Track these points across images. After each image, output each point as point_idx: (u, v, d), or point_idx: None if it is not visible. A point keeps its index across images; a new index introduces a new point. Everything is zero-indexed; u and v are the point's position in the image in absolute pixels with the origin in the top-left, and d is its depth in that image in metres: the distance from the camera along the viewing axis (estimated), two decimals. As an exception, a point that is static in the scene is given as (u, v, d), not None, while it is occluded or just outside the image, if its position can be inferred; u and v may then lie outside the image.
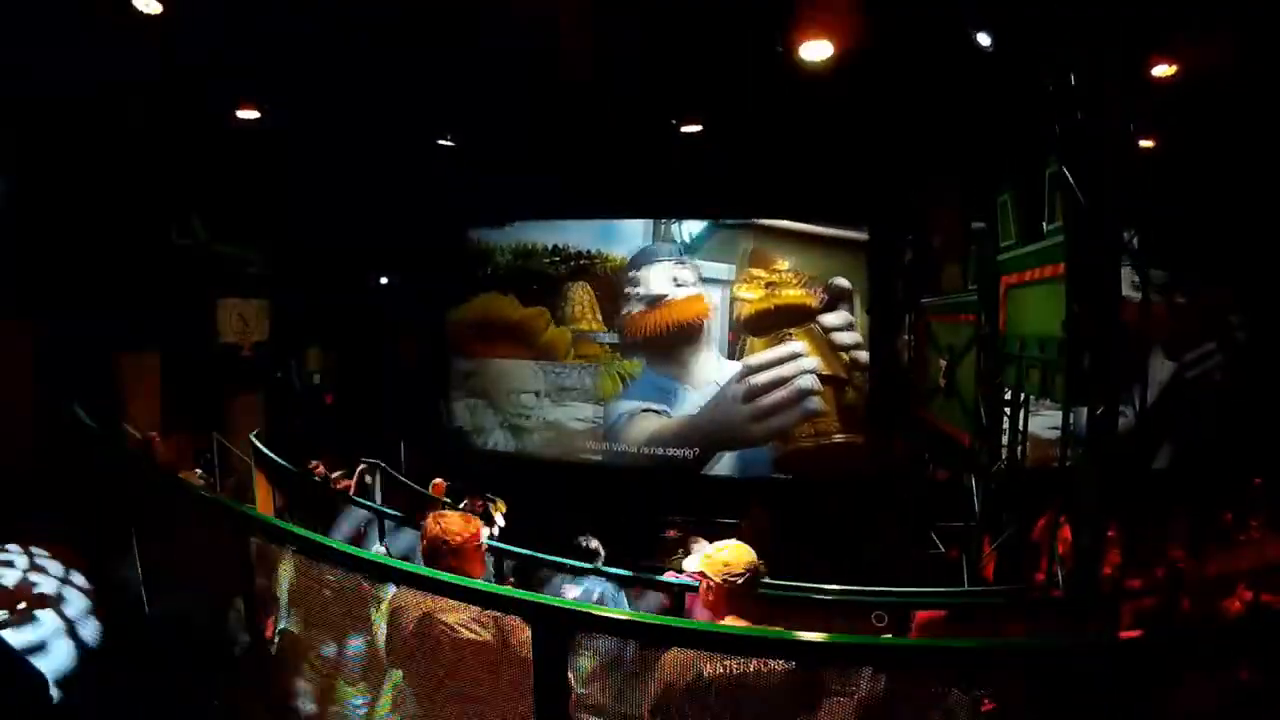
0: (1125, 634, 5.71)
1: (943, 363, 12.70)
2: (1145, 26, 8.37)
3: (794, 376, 17.01)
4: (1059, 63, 8.02)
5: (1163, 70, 9.43)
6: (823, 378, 16.91)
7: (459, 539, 3.70)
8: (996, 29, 8.71)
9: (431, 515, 3.84)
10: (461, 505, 11.08)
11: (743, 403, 17.29)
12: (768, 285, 17.15)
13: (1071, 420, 8.23)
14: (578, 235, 18.37)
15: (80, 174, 11.44)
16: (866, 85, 10.81)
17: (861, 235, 16.71)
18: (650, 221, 17.88)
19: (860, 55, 9.68)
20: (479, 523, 3.84)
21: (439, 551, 3.68)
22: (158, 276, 12.89)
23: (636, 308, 18.11)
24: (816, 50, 9.67)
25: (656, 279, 17.98)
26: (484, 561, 3.85)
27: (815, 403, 16.93)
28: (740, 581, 3.37)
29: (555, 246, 18.45)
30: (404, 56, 10.97)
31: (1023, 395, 10.18)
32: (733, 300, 17.43)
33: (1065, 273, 7.97)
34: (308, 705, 3.90)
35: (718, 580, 3.41)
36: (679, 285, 17.85)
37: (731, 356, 17.47)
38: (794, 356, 17.06)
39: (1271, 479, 10.48)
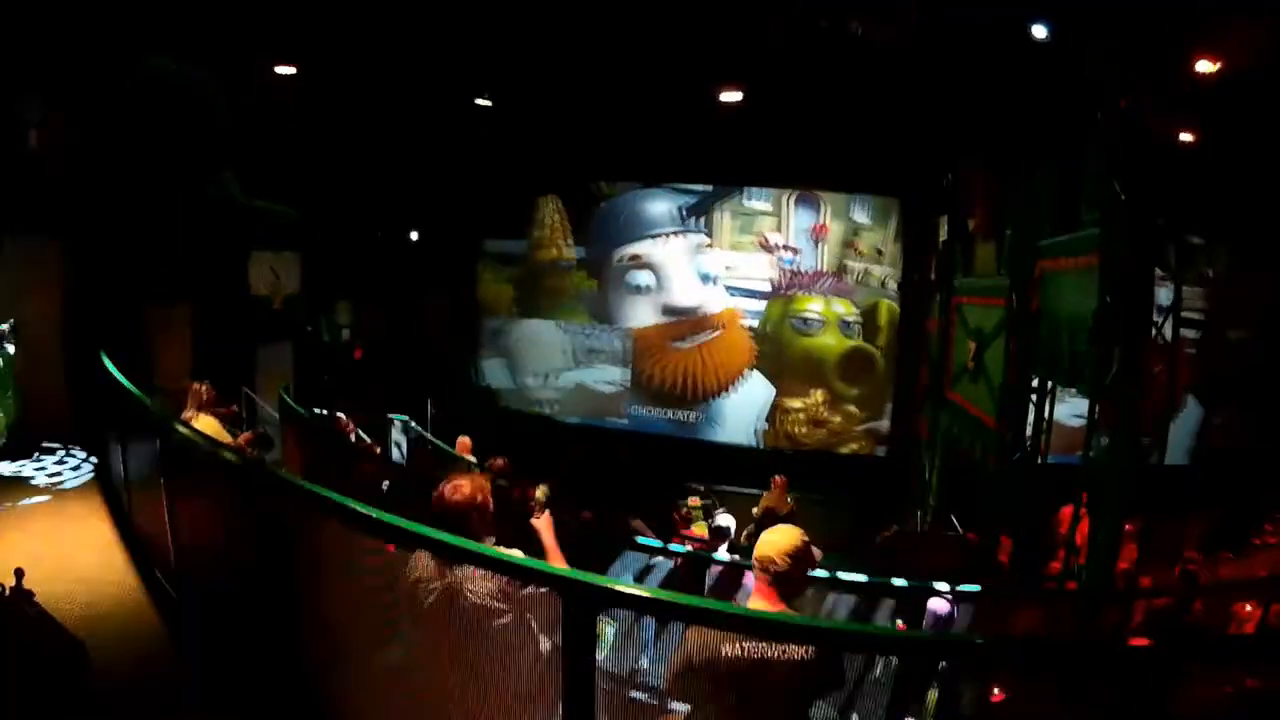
0: (1135, 640, 5.75)
1: (972, 345, 12.64)
2: (1188, 20, 8.29)
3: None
4: (1102, 53, 7.96)
5: (1205, 66, 9.32)
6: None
7: (466, 504, 3.71)
8: (1044, 18, 8.65)
9: (447, 486, 3.80)
10: (487, 464, 11.23)
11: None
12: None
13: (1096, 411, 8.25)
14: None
15: (115, 126, 11.53)
16: (910, 64, 10.75)
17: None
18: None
19: (905, 35, 9.64)
20: (487, 487, 3.83)
21: (449, 515, 3.68)
22: (190, 229, 13.02)
23: (642, 311, 18.23)
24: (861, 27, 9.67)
25: (678, 273, 17.96)
26: (491, 526, 3.83)
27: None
28: (771, 567, 3.38)
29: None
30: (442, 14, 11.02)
31: (1050, 383, 10.16)
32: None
33: (1099, 264, 7.95)
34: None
35: (765, 561, 3.43)
36: (707, 282, 17.88)
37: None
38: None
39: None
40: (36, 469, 8.93)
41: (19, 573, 4.48)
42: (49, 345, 10.75)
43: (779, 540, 3.44)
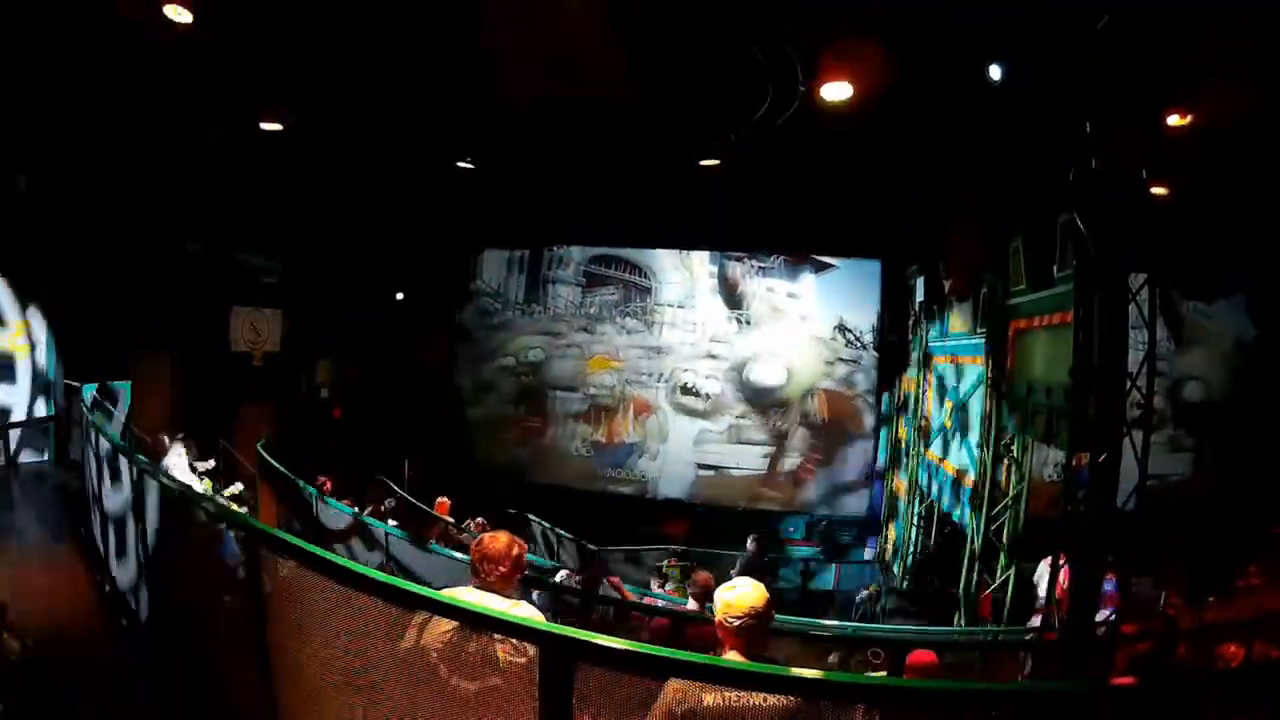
0: (1118, 679, 5.75)
1: (949, 404, 12.75)
2: (1160, 77, 8.47)
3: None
4: (1074, 112, 8.12)
5: (1178, 120, 9.48)
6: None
7: (508, 560, 3.78)
8: (1012, 77, 8.82)
9: (488, 535, 3.88)
10: (464, 524, 11.18)
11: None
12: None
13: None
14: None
15: (98, 178, 11.59)
16: (886, 127, 10.92)
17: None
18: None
19: (882, 98, 9.81)
20: (524, 546, 3.90)
21: (486, 570, 3.74)
22: (171, 281, 13.03)
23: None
24: (838, 91, 9.84)
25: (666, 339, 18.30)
26: (518, 583, 3.91)
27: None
28: (738, 623, 3.41)
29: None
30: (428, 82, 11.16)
31: (1027, 439, 10.23)
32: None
33: (1073, 320, 8.05)
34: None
35: (719, 618, 3.46)
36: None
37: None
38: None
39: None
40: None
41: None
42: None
43: (733, 597, 3.46)
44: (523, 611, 3.60)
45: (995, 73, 9.02)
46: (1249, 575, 9.42)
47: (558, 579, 8.94)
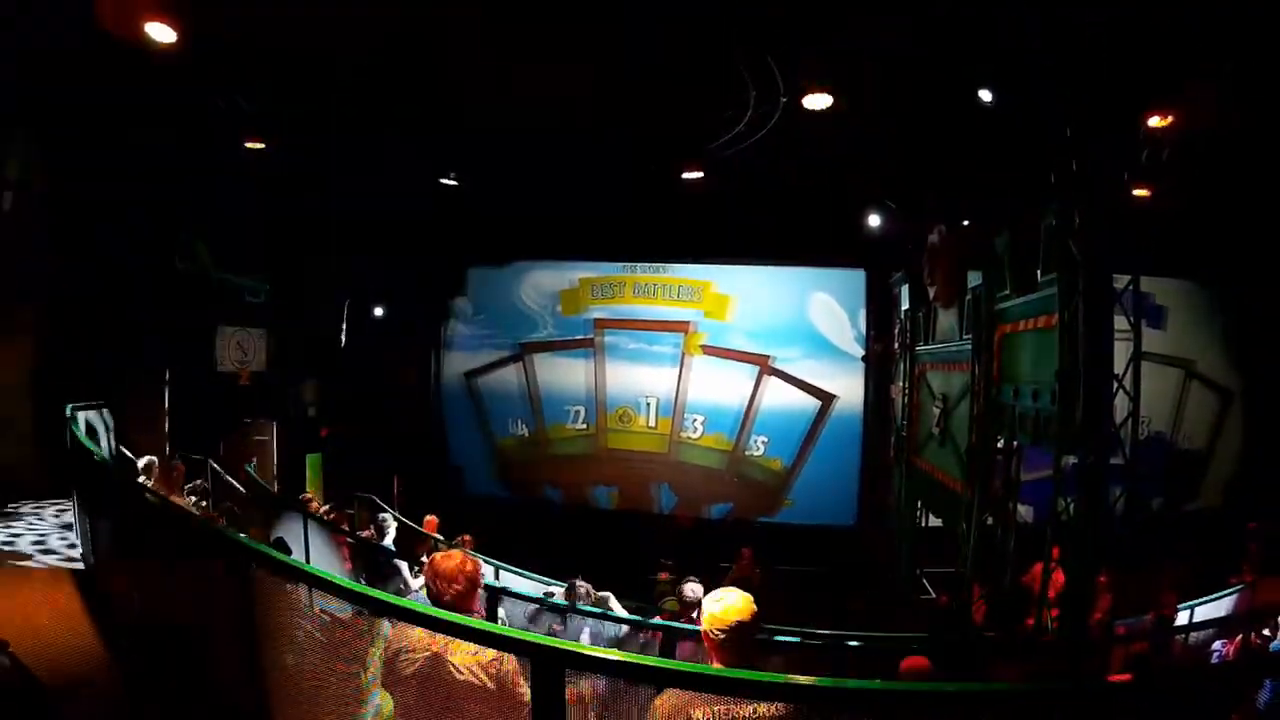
0: (1114, 678, 5.74)
1: (936, 410, 12.74)
2: (1141, 81, 8.52)
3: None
4: (1056, 116, 8.17)
5: (1158, 121, 9.54)
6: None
7: (462, 577, 3.72)
8: (996, 83, 8.86)
9: (439, 554, 3.85)
10: (454, 541, 11.12)
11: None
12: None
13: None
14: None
15: (88, 196, 11.55)
16: (869, 133, 10.96)
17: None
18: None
19: (864, 104, 9.83)
20: (478, 561, 3.86)
21: (441, 589, 3.70)
22: (160, 301, 12.99)
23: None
24: (819, 100, 9.88)
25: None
26: (480, 600, 3.86)
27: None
28: (725, 636, 3.38)
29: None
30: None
31: (1015, 444, 10.24)
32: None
33: (1059, 323, 8.09)
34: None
35: (706, 631, 3.44)
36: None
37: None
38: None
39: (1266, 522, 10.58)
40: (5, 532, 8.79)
41: None
42: (17, 407, 10.70)
43: (717, 610, 3.43)
44: None
45: (986, 95, 9.10)
46: (1243, 571, 9.47)
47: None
